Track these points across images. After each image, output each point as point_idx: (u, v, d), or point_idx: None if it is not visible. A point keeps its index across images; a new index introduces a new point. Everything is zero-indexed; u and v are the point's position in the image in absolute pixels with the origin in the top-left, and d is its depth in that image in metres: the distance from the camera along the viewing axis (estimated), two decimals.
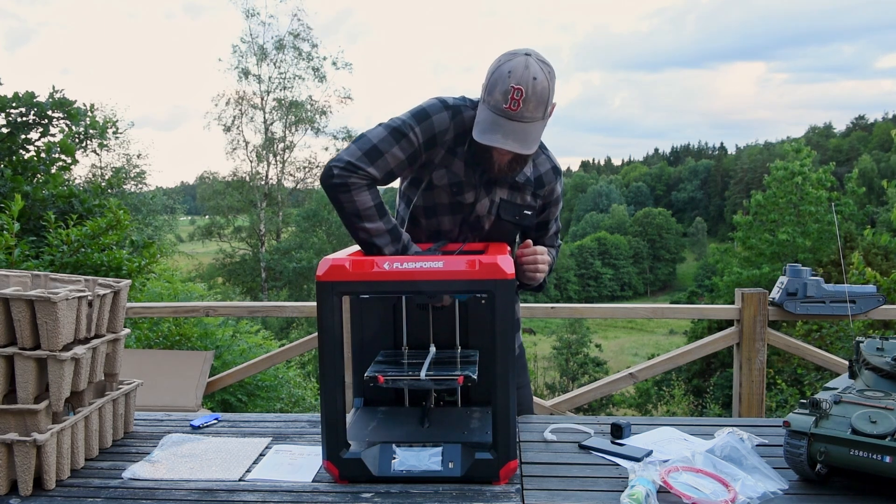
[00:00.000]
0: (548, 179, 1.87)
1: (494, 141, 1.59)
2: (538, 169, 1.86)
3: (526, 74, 1.57)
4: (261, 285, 25.59)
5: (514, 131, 1.59)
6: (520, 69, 1.57)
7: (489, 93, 1.61)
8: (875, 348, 1.50)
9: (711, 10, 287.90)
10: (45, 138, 5.97)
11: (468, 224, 1.84)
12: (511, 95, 1.56)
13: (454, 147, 1.75)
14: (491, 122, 1.60)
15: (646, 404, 20.19)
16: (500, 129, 1.59)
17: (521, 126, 1.60)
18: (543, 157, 1.87)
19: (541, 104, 1.59)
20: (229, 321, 6.78)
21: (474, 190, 1.78)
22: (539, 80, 1.58)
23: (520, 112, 1.58)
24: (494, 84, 1.60)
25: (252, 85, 27.14)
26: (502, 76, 1.58)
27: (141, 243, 5.20)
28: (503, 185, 1.81)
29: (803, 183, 20.68)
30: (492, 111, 1.60)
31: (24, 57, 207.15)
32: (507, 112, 1.58)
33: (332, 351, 1.40)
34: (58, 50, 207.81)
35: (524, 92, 1.56)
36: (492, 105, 1.60)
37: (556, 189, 1.90)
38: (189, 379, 3.77)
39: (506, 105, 1.58)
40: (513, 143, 1.60)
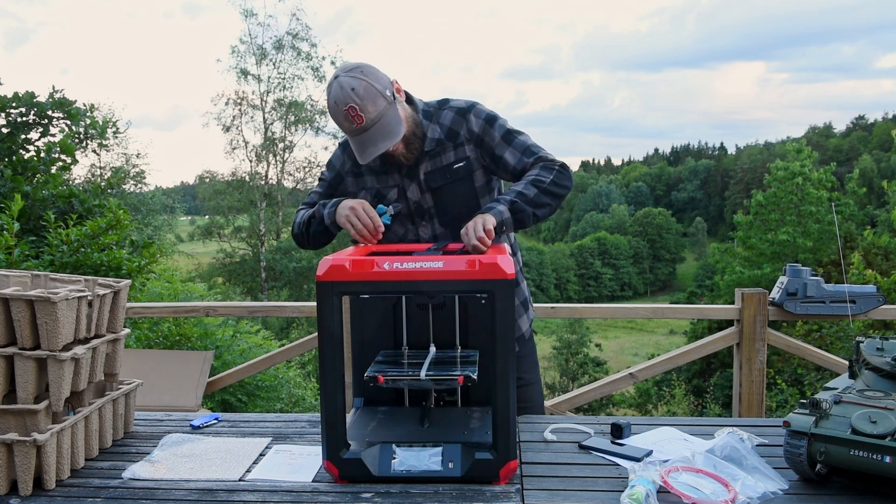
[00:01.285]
0: (457, 125, 1.88)
1: (372, 154, 1.73)
2: (444, 124, 1.88)
3: (344, 93, 1.69)
4: (261, 285, 25.58)
5: (376, 135, 1.72)
6: (338, 93, 1.70)
7: (339, 125, 1.75)
8: (875, 348, 1.50)
9: (711, 9, 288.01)
10: (45, 138, 5.97)
11: (415, 215, 1.90)
12: (349, 115, 1.70)
13: (358, 170, 1.94)
14: (357, 143, 1.75)
15: (646, 404, 20.18)
16: (367, 143, 1.73)
17: (378, 127, 1.72)
18: (446, 111, 1.90)
19: (374, 99, 1.71)
20: (229, 321, 6.78)
21: (396, 187, 1.89)
22: (357, 88, 1.70)
23: (367, 121, 1.71)
24: (335, 117, 1.74)
25: (252, 85, 27.15)
26: (333, 109, 1.73)
27: (141, 243, 5.20)
28: (422, 161, 1.87)
29: (804, 183, 20.67)
30: (352, 135, 1.75)
31: (23, 57, 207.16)
32: (358, 129, 1.72)
33: (332, 351, 1.40)
34: (57, 50, 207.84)
35: (356, 107, 1.69)
36: (348, 132, 1.75)
37: (474, 123, 1.87)
38: (189, 379, 3.77)
39: (354, 125, 1.71)
40: (383, 143, 1.73)
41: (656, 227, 68.34)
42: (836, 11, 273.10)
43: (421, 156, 1.87)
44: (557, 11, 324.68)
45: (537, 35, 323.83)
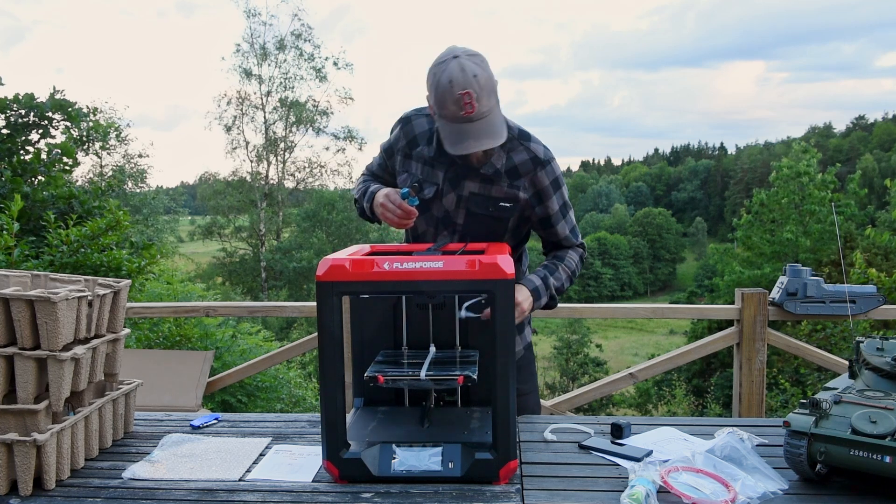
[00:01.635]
0: (525, 169, 1.82)
1: (467, 148, 1.66)
2: (512, 159, 1.82)
3: (466, 77, 1.62)
4: (261, 285, 25.60)
5: (480, 130, 1.65)
6: (458, 75, 1.62)
7: (441, 107, 1.66)
8: (875, 348, 1.50)
9: (711, 8, 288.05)
10: (46, 140, 5.97)
11: (441, 221, 1.88)
12: (463, 101, 1.62)
13: (409, 152, 1.90)
14: (457, 132, 1.66)
15: (646, 404, 20.17)
16: (468, 134, 1.65)
17: (484, 123, 1.65)
18: (521, 147, 1.83)
19: (490, 93, 1.66)
20: (229, 321, 6.78)
21: (434, 186, 1.84)
22: (479, 76, 1.63)
23: (477, 111, 1.63)
24: (443, 97, 1.64)
25: (253, 85, 27.17)
26: (445, 88, 1.63)
27: (140, 244, 5.20)
28: (473, 178, 1.83)
29: (808, 184, 20.65)
30: (452, 122, 1.66)
31: (18, 56, 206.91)
32: (467, 117, 1.63)
33: (332, 351, 1.40)
34: (52, 48, 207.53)
35: (473, 93, 1.62)
36: (449, 117, 1.66)
37: (542, 180, 1.84)
38: (189, 379, 3.77)
39: (462, 112, 1.63)
40: (486, 141, 1.66)
41: (656, 227, 68.33)
42: (836, 10, 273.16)
43: (473, 173, 1.81)
44: (556, 11, 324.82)
45: (536, 34, 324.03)
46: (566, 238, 1.95)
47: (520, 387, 2.00)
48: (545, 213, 1.89)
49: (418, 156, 1.88)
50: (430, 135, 1.87)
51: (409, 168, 1.90)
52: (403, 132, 1.91)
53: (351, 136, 27.81)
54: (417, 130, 1.89)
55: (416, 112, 1.92)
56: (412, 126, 1.90)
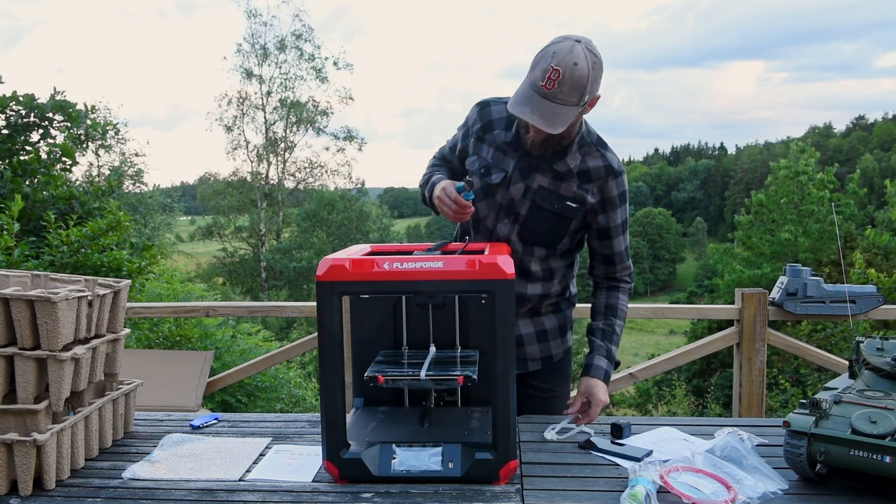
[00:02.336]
0: (597, 175, 1.84)
1: (522, 112, 1.66)
2: (586, 162, 1.84)
3: (568, 58, 1.61)
4: (261, 285, 25.60)
5: (542, 108, 1.64)
6: (564, 52, 1.62)
7: (531, 69, 1.67)
8: (875, 348, 1.50)
9: (710, 7, 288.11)
10: (46, 140, 5.97)
11: (504, 209, 1.87)
12: (549, 75, 1.61)
13: (482, 135, 1.91)
14: (525, 96, 1.66)
15: (646, 404, 20.16)
16: (531, 103, 1.65)
17: (551, 105, 1.64)
18: (597, 154, 1.85)
19: (576, 90, 1.63)
20: (229, 321, 6.77)
21: (503, 172, 1.85)
22: (579, 67, 1.61)
23: (553, 92, 1.62)
24: (538, 62, 1.65)
25: (253, 85, 27.18)
26: (546, 55, 1.64)
27: (140, 245, 5.20)
28: (545, 172, 1.83)
29: (807, 183, 20.65)
30: (528, 86, 1.67)
31: (18, 55, 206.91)
32: (541, 89, 1.63)
33: (332, 351, 1.40)
34: (52, 48, 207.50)
35: (561, 74, 1.61)
36: (530, 81, 1.66)
37: (611, 189, 1.85)
38: (189, 379, 3.77)
39: (541, 82, 1.63)
40: (539, 119, 1.65)
41: (656, 227, 68.32)
42: (836, 10, 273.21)
43: (545, 167, 1.82)
44: (556, 10, 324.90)
45: (536, 34, 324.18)
46: (619, 255, 1.95)
47: (554, 389, 2.06)
48: (607, 223, 1.89)
49: (492, 140, 1.89)
50: (508, 121, 1.87)
51: (481, 151, 1.90)
52: (480, 115, 1.92)
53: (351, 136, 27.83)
54: (495, 115, 1.90)
55: (496, 99, 1.93)
56: (490, 110, 1.91)
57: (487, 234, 1.92)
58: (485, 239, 1.93)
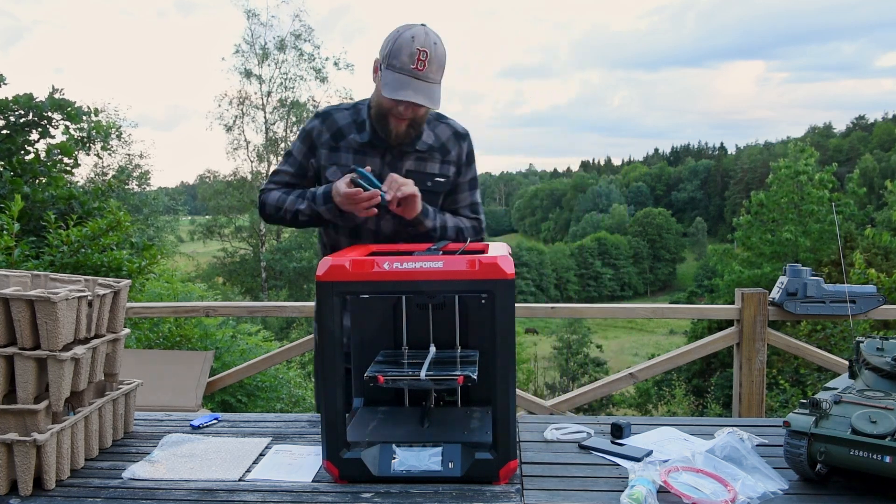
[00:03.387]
0: (451, 145, 1.96)
1: (406, 96, 1.74)
2: (439, 136, 1.95)
3: (427, 40, 1.75)
4: (261, 285, 25.58)
5: (421, 89, 1.75)
6: (421, 35, 1.75)
7: (393, 57, 1.75)
8: (875, 348, 1.50)
9: (710, 7, 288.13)
10: (45, 139, 5.97)
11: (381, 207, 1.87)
12: (417, 57, 1.73)
13: (335, 143, 1.94)
14: (400, 81, 1.75)
15: (646, 404, 20.17)
16: (410, 86, 1.74)
17: (427, 85, 1.76)
18: (443, 126, 1.97)
19: (440, 67, 1.77)
20: (229, 321, 6.78)
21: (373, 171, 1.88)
22: (438, 46, 1.76)
23: (425, 73, 1.74)
24: (399, 49, 1.74)
25: (254, 85, 27.17)
26: (406, 41, 1.74)
27: (141, 245, 5.20)
28: (409, 157, 1.91)
29: (806, 183, 20.66)
30: (398, 73, 1.74)
31: (18, 55, 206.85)
32: (415, 72, 1.74)
33: (332, 351, 1.40)
34: (51, 48, 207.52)
35: (428, 54, 1.74)
36: (398, 67, 1.74)
37: (464, 152, 1.98)
38: (189, 379, 3.77)
39: (412, 66, 1.73)
40: (423, 98, 1.75)
41: (656, 227, 68.37)
42: (836, 10, 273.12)
43: (409, 151, 1.90)
44: (555, 10, 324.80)
45: (535, 34, 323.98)
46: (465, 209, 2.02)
47: None
48: (455, 181, 1.99)
49: (347, 146, 1.92)
50: (358, 123, 1.93)
51: (339, 160, 1.93)
52: (325, 126, 1.95)
53: None
54: (341, 122, 1.94)
55: (333, 108, 1.99)
56: (333, 119, 1.95)
57: (372, 235, 1.94)
58: (370, 241, 1.93)
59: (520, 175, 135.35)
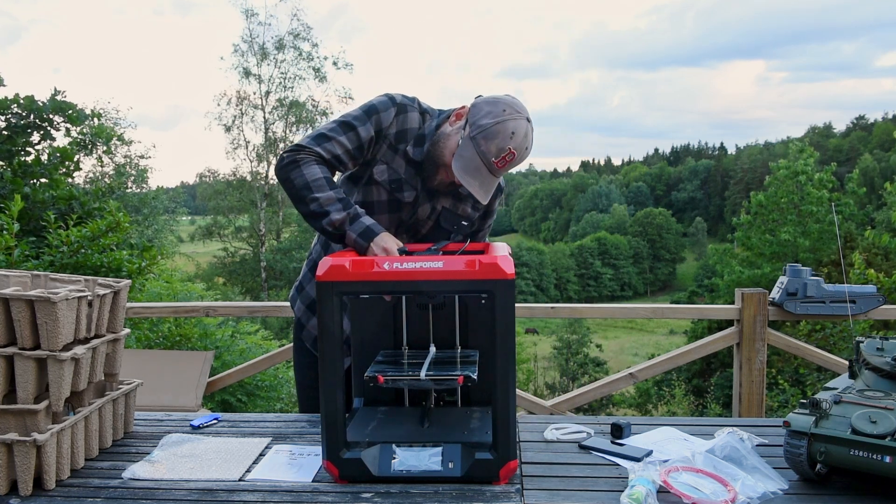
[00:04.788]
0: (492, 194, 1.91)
1: (471, 186, 1.68)
2: None
3: (524, 142, 1.66)
4: (261, 285, 25.59)
5: (488, 183, 1.70)
6: (521, 135, 1.65)
7: (484, 137, 1.64)
8: (875, 348, 1.50)
9: (710, 6, 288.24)
10: (46, 142, 5.97)
11: (405, 225, 1.87)
12: (504, 156, 1.65)
13: (395, 144, 1.79)
14: (475, 166, 1.66)
15: (646, 404, 20.18)
16: (480, 176, 1.67)
17: (494, 180, 1.71)
18: None
19: (514, 167, 1.71)
20: (229, 321, 6.78)
21: (414, 191, 1.83)
22: (528, 150, 1.69)
23: (501, 170, 1.69)
24: (495, 134, 1.64)
25: (253, 85, 27.17)
26: (505, 132, 1.64)
27: (140, 246, 5.20)
28: (447, 194, 1.86)
29: (805, 183, 20.67)
30: (479, 156, 1.66)
31: (15, 55, 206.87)
32: (493, 166, 1.66)
33: (332, 351, 1.40)
34: (49, 48, 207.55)
35: (515, 157, 1.66)
36: (482, 150, 1.65)
37: (495, 203, 1.96)
38: (189, 379, 3.77)
39: (495, 160, 1.66)
40: (482, 192, 1.70)
41: (656, 227, 68.37)
42: (836, 9, 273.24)
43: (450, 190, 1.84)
44: (554, 9, 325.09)
45: (535, 33, 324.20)
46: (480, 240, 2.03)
47: None
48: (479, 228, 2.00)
49: (404, 153, 1.79)
50: (419, 136, 1.79)
51: (392, 162, 1.79)
52: (397, 119, 1.77)
53: None
54: (409, 125, 1.79)
55: (409, 102, 1.80)
56: (407, 117, 1.78)
57: None
58: None
59: (520, 175, 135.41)
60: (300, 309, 2.06)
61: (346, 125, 1.74)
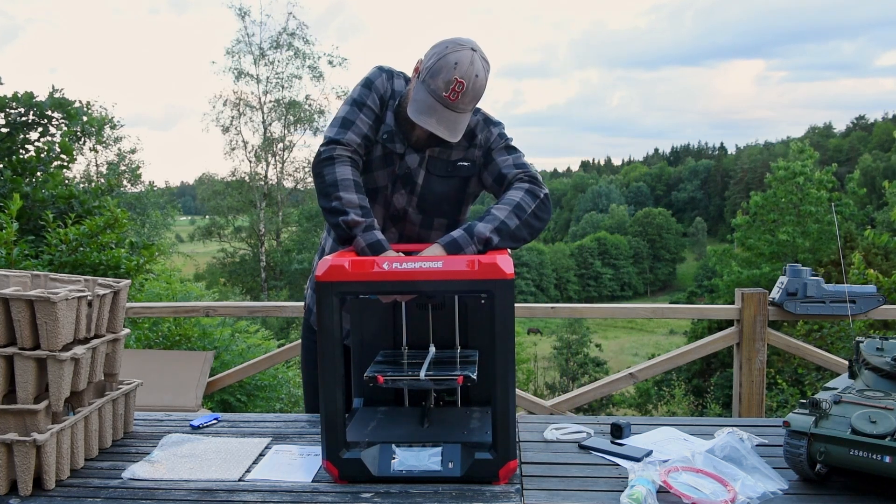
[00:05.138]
0: (479, 130, 1.86)
1: (428, 124, 1.69)
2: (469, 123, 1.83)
3: (470, 70, 1.67)
4: (261, 285, 25.59)
5: (447, 119, 1.69)
6: (465, 63, 1.67)
7: (431, 76, 1.68)
8: (875, 348, 1.50)
9: (709, 6, 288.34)
10: (45, 138, 5.97)
11: (401, 179, 1.86)
12: (453, 87, 1.66)
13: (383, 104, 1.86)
14: (428, 105, 1.69)
15: (646, 404, 20.18)
16: (436, 113, 1.69)
17: (454, 115, 1.70)
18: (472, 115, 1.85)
19: (475, 100, 1.71)
20: (227, 321, 6.77)
21: (404, 144, 1.85)
22: (479, 78, 1.69)
23: (456, 103, 1.68)
24: (439, 70, 1.67)
25: (250, 86, 27.14)
26: (448, 65, 1.67)
27: (140, 244, 5.19)
28: (432, 145, 1.84)
29: (805, 183, 20.68)
30: (430, 94, 1.69)
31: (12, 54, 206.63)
32: (445, 100, 1.68)
33: (332, 351, 1.40)
34: (46, 47, 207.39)
35: (465, 86, 1.66)
36: (431, 89, 1.68)
37: (493, 134, 1.86)
38: (189, 379, 3.77)
39: (445, 93, 1.67)
40: (444, 130, 1.69)
41: (656, 227, 68.36)
42: (836, 8, 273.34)
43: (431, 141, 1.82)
44: (553, 8, 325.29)
45: (533, 33, 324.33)
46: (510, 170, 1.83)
47: None
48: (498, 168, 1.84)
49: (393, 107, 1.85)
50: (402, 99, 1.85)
51: (385, 118, 1.86)
52: (389, 84, 1.86)
53: None
54: (396, 87, 1.87)
55: (396, 71, 1.90)
56: (394, 82, 1.87)
57: (385, 204, 1.89)
58: (382, 209, 1.89)
59: None
60: (311, 296, 2.07)
61: (358, 104, 1.82)
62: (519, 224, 1.69)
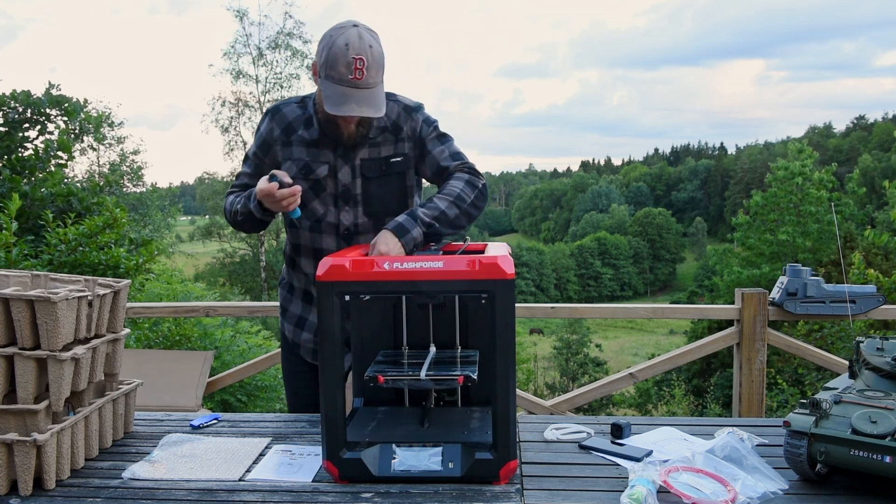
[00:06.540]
0: (403, 121, 1.89)
1: (350, 111, 1.70)
2: (389, 116, 1.88)
3: (362, 44, 1.69)
4: (261, 285, 25.59)
5: (364, 98, 1.71)
6: (355, 40, 1.69)
7: (330, 67, 1.70)
8: (875, 348, 1.50)
9: (709, 5, 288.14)
10: (43, 136, 5.97)
11: (340, 198, 1.87)
12: (355, 66, 1.68)
13: (287, 139, 1.91)
14: (341, 94, 1.70)
15: (646, 404, 20.19)
16: (352, 98, 1.70)
17: (369, 92, 1.71)
18: (392, 104, 1.88)
19: (380, 69, 1.73)
20: (228, 321, 6.77)
21: (327, 164, 1.87)
22: (374, 48, 1.71)
23: (365, 80, 1.69)
24: (334, 58, 1.69)
25: (248, 86, 27.13)
26: (340, 49, 1.68)
27: (139, 241, 5.19)
28: (360, 147, 1.86)
29: (804, 183, 20.68)
30: (338, 84, 1.70)
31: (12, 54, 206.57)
32: (354, 82, 1.69)
33: (332, 351, 1.40)
34: (45, 47, 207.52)
35: (365, 61, 1.68)
36: (336, 78, 1.70)
37: (419, 123, 1.89)
38: (189, 379, 3.77)
39: (351, 76, 1.68)
40: (367, 109, 1.71)
41: (656, 227, 68.39)
42: (836, 8, 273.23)
43: (361, 141, 1.85)
44: (552, 8, 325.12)
45: (533, 32, 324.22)
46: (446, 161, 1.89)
47: None
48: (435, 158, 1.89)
49: (299, 140, 1.89)
50: (307, 118, 1.89)
51: (292, 154, 1.89)
52: (276, 122, 1.91)
53: None
54: (291, 117, 1.91)
55: (283, 102, 1.95)
56: (283, 114, 1.91)
57: (333, 229, 1.91)
58: (332, 234, 1.91)
59: (520, 175, 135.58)
60: (290, 330, 2.14)
61: (246, 157, 2.01)
62: (458, 213, 1.78)
